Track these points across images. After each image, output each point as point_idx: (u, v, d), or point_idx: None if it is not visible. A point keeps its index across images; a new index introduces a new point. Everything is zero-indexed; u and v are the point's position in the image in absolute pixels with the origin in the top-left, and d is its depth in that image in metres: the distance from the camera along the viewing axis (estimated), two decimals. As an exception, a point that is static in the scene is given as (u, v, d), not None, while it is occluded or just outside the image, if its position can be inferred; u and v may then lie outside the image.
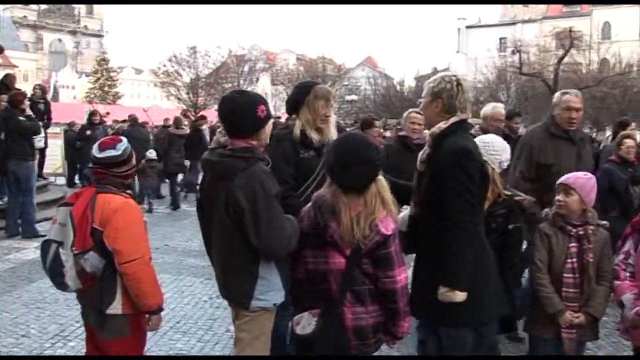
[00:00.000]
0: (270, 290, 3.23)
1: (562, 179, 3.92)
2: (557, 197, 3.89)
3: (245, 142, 3.22)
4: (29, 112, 10.48)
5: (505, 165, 4.00)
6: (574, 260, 3.80)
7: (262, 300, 3.22)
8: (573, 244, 3.82)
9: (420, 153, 3.53)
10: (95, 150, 3.44)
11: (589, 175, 3.97)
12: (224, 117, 3.33)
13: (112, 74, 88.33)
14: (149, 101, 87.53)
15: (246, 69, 61.36)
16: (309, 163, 3.92)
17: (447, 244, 3.17)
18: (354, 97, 56.54)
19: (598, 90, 40.46)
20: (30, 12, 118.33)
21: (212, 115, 39.72)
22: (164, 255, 8.76)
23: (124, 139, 3.55)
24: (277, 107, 50.84)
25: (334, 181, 3.08)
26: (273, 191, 3.12)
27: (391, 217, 3.04)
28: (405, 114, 6.70)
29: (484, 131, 6.06)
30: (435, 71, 52.17)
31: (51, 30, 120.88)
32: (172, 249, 9.43)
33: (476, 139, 4.07)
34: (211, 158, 3.29)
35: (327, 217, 3.06)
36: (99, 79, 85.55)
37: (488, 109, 7.00)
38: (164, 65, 60.97)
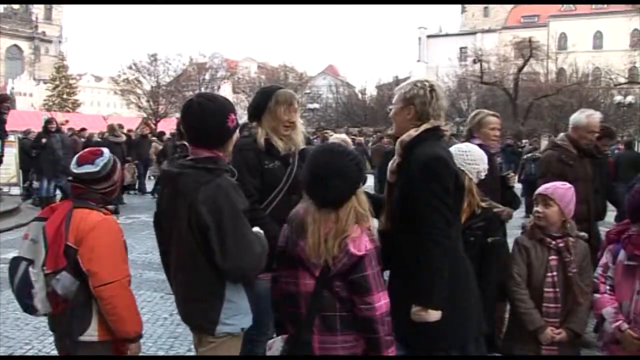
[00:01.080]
0: (238, 313, 2.97)
1: (540, 189, 3.80)
2: (535, 208, 3.76)
3: (210, 152, 2.96)
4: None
5: (482, 175, 3.84)
6: (555, 273, 3.66)
7: (228, 325, 2.95)
8: (553, 257, 3.68)
9: (390, 163, 3.34)
10: (73, 164, 3.22)
11: (568, 185, 3.84)
12: (190, 124, 3.02)
13: (71, 82, 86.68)
14: (109, 109, 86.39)
15: (207, 76, 60.86)
16: (274, 174, 3.70)
17: (420, 260, 2.98)
18: (316, 105, 56.43)
19: (557, 99, 41.21)
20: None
21: (172, 123, 39.51)
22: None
23: (106, 153, 3.31)
24: (240, 116, 50.50)
25: (308, 195, 2.87)
26: (240, 206, 2.88)
27: (368, 236, 2.80)
28: (478, 117, 5.35)
29: (573, 142, 5.50)
30: (396, 79, 52.46)
31: (7, 35, 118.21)
32: (131, 262, 8.91)
33: (452, 148, 3.92)
34: (171, 169, 3.02)
35: (297, 234, 2.86)
36: (57, 86, 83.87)
37: (581, 117, 5.63)
38: (124, 73, 60.16)
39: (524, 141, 30.41)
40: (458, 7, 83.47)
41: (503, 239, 3.97)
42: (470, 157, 3.80)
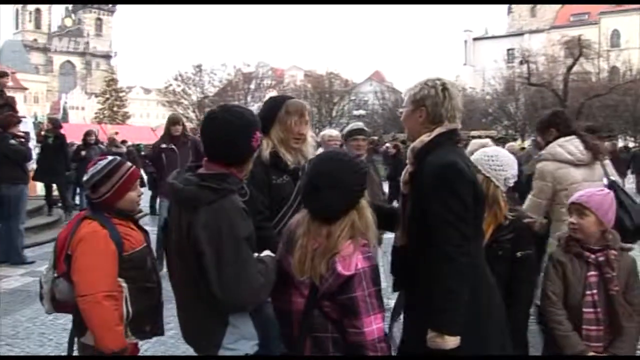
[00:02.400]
0: (241, 339, 2.71)
1: (574, 197, 3.40)
2: (569, 219, 3.37)
3: (224, 168, 2.69)
4: (21, 133, 10.11)
5: (511, 182, 3.47)
6: (594, 291, 3.24)
7: (231, 349, 2.70)
8: (592, 273, 3.26)
9: (403, 172, 3.03)
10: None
11: (606, 190, 3.44)
12: (212, 138, 2.74)
13: (120, 94, 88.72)
14: (158, 120, 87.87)
15: (253, 86, 61.33)
16: (283, 189, 3.42)
17: (434, 280, 2.66)
18: (362, 112, 56.20)
19: (609, 98, 39.94)
20: (41, 35, 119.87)
21: None
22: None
23: (111, 157, 3.24)
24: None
25: (304, 205, 2.62)
26: (243, 233, 2.57)
27: (362, 253, 2.49)
28: None
29: None
30: (443, 83, 51.74)
31: (61, 52, 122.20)
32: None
33: (478, 152, 3.58)
34: (174, 183, 2.74)
35: (286, 247, 2.62)
36: (107, 99, 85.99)
37: None
38: (170, 85, 61.14)
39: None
40: (504, 8, 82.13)
41: (534, 253, 3.53)
42: (497, 163, 3.43)
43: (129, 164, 3.26)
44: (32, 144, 16.99)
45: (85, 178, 3.17)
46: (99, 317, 2.95)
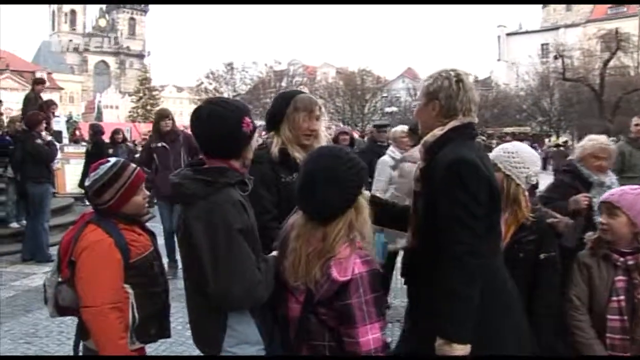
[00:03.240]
0: (242, 343, 2.58)
1: (604, 196, 3.18)
2: (599, 219, 3.15)
3: (223, 162, 2.61)
4: (46, 135, 10.18)
5: (533, 180, 3.27)
6: (622, 297, 3.01)
7: (233, 353, 2.59)
8: (620, 277, 3.04)
9: (415, 169, 2.86)
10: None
11: (639, 189, 3.21)
12: (200, 133, 2.67)
13: (153, 93, 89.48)
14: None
15: (284, 83, 61.33)
16: (292, 188, 3.27)
17: (442, 283, 2.49)
18: (394, 109, 55.79)
19: (649, 92, 38.91)
20: (76, 36, 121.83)
21: None
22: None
23: (113, 159, 3.10)
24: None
25: (297, 205, 2.48)
26: (237, 225, 2.46)
27: (360, 257, 2.33)
28: None
29: None
30: (475, 80, 51.10)
31: (95, 52, 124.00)
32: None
33: (498, 148, 3.41)
34: (172, 179, 2.66)
35: (281, 251, 2.50)
36: (141, 98, 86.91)
37: None
38: (202, 83, 61.48)
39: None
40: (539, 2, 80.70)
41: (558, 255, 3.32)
42: (517, 160, 3.24)
43: (132, 166, 3.11)
44: (65, 142, 17.28)
45: (87, 183, 3.03)
46: (103, 330, 2.87)
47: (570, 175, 4.23)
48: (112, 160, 3.08)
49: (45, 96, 13.87)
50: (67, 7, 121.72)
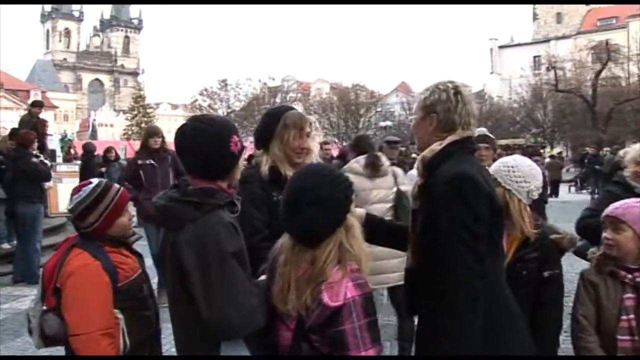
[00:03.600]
0: None
1: (608, 210, 3.06)
2: (604, 234, 3.03)
3: (210, 183, 2.47)
4: (38, 153, 10.10)
5: (535, 195, 3.15)
6: (631, 316, 2.86)
7: None
8: (629, 295, 2.90)
9: (412, 186, 2.74)
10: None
11: None
12: (185, 152, 2.52)
13: (148, 111, 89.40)
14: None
15: (278, 99, 61.43)
16: None
17: (444, 305, 2.37)
18: (389, 123, 55.83)
19: (640, 103, 39.09)
20: (70, 55, 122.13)
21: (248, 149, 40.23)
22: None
23: (95, 180, 3.00)
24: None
25: (284, 228, 2.35)
26: (231, 249, 2.33)
27: (353, 280, 2.19)
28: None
29: None
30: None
31: (90, 70, 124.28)
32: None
33: (498, 162, 3.28)
34: (157, 201, 2.53)
35: (269, 276, 2.36)
36: (135, 115, 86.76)
37: None
38: (196, 100, 61.51)
39: (605, 149, 28.71)
40: (529, 15, 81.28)
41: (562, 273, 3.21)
42: (518, 174, 3.12)
43: (116, 186, 3.02)
44: (59, 161, 17.21)
45: (70, 206, 2.93)
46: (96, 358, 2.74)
47: (621, 187, 4.06)
48: (95, 181, 2.98)
49: (40, 115, 13.78)
50: (61, 26, 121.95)
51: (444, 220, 2.39)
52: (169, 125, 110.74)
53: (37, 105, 13.48)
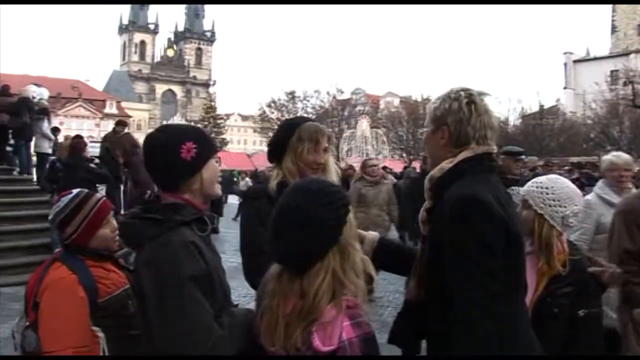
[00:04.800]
0: None
1: None
2: None
3: (174, 196, 2.27)
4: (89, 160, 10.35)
5: (572, 222, 2.76)
6: None
7: None
8: None
9: (421, 210, 2.41)
10: None
11: None
12: (146, 165, 2.36)
13: (218, 121, 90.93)
14: (255, 147, 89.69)
15: (346, 112, 61.22)
16: None
17: (453, 350, 2.04)
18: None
19: None
20: (145, 66, 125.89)
21: None
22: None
23: (76, 191, 2.87)
24: (378, 150, 50.57)
25: (270, 253, 2.05)
26: (189, 272, 2.08)
27: (349, 319, 1.86)
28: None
29: None
30: (541, 109, 49.75)
31: (163, 81, 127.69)
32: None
33: (531, 182, 2.91)
34: (120, 218, 2.43)
35: (257, 308, 2.07)
36: (206, 126, 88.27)
37: None
38: (264, 112, 62.02)
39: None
40: (607, 28, 78.38)
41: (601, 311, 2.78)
42: (552, 197, 2.75)
43: (97, 196, 2.88)
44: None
45: (50, 217, 2.82)
46: None
47: None
48: (75, 190, 2.86)
49: (114, 124, 14.05)
50: (137, 38, 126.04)
51: (451, 252, 2.07)
52: (239, 137, 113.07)
53: (121, 124, 13.75)
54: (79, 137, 10.84)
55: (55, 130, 15.59)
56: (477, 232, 2.05)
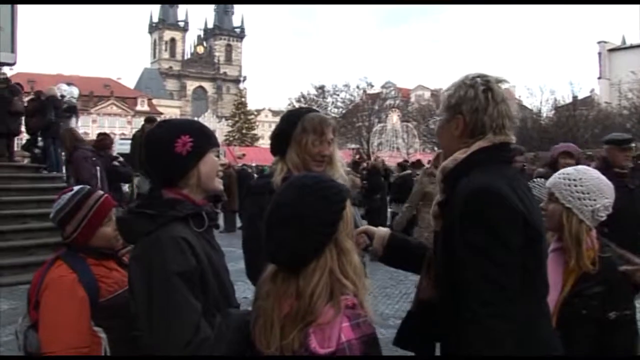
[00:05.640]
0: None
1: None
2: None
3: (175, 193, 2.20)
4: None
5: (602, 215, 2.55)
6: None
7: None
8: None
9: (433, 203, 2.23)
10: None
11: None
12: (145, 160, 2.31)
13: (249, 117, 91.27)
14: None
15: (376, 106, 60.94)
16: None
17: (461, 352, 1.89)
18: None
19: None
20: (175, 63, 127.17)
21: (343, 154, 40.80)
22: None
23: (77, 188, 2.79)
24: (409, 144, 50.20)
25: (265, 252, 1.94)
26: (177, 268, 2.00)
27: (348, 319, 1.73)
28: None
29: None
30: (575, 100, 48.80)
31: (193, 78, 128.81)
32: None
33: (558, 173, 2.71)
34: (118, 213, 2.36)
35: (254, 307, 1.95)
36: (237, 122, 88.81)
37: None
38: (294, 107, 62.15)
39: None
40: (644, 16, 76.61)
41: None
42: (581, 189, 2.54)
43: (99, 193, 2.78)
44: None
45: (50, 215, 2.74)
46: None
47: None
48: (76, 188, 2.78)
49: None
50: (167, 36, 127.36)
51: (462, 248, 1.90)
52: (269, 132, 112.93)
53: (150, 121, 13.84)
54: (103, 135, 10.87)
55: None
56: (491, 226, 1.88)
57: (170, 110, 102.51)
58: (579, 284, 2.51)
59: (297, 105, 62.48)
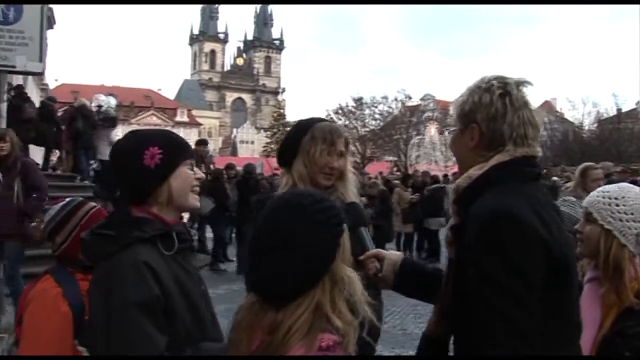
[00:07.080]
0: None
1: None
2: None
3: (143, 211, 1.98)
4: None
5: (650, 239, 2.21)
6: None
7: None
8: None
9: (447, 227, 1.93)
10: None
11: None
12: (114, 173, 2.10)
13: (287, 129, 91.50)
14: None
15: (415, 118, 60.48)
16: None
17: None
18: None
19: None
20: (215, 75, 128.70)
21: (380, 167, 40.49)
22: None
23: (66, 199, 2.72)
24: (447, 156, 49.63)
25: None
26: (135, 297, 1.78)
27: (320, 350, 1.43)
28: None
29: None
30: (619, 112, 47.64)
31: (233, 89, 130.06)
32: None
33: (596, 191, 2.37)
34: (83, 234, 2.05)
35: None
36: (275, 133, 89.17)
37: None
38: (331, 119, 61.98)
39: None
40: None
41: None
42: (624, 209, 2.20)
43: (90, 204, 2.69)
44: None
45: (41, 226, 2.76)
46: None
47: None
48: (68, 199, 2.73)
49: (185, 132, 14.14)
50: (207, 47, 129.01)
51: (474, 280, 1.60)
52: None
53: (202, 144, 13.70)
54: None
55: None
56: (508, 256, 1.59)
57: (209, 121, 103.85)
58: (621, 320, 2.15)
59: (334, 117, 62.46)
